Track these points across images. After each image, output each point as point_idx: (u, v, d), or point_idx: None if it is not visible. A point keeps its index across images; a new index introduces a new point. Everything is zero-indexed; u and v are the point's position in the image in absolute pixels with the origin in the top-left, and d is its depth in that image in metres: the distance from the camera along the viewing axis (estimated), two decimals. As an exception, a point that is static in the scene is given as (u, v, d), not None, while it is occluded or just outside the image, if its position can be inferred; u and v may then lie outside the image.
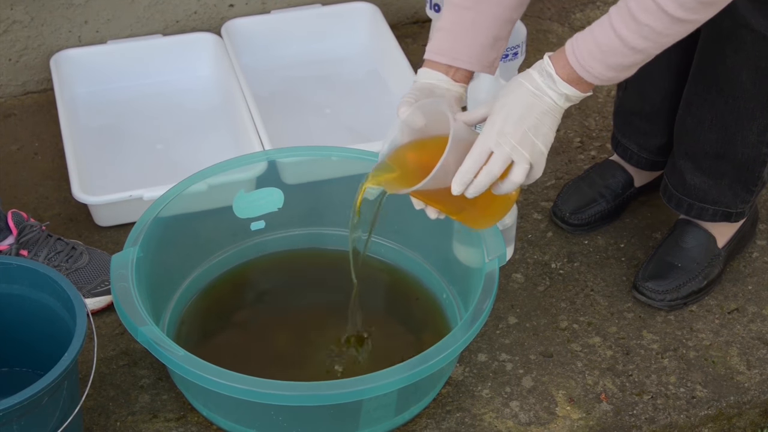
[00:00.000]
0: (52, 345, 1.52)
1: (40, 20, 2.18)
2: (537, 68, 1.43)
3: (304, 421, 1.53)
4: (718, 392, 1.70)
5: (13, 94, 2.24)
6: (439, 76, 1.54)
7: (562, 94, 1.42)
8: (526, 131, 1.41)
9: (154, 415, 1.63)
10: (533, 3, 2.50)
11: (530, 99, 1.42)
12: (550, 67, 1.42)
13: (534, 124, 1.42)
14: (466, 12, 1.53)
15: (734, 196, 1.78)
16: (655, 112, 1.87)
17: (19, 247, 1.76)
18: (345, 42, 2.32)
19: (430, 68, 1.55)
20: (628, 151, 1.93)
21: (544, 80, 1.42)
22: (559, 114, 1.44)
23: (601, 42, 1.38)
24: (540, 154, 1.43)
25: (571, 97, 1.43)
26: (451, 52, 1.53)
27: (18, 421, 1.39)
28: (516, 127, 1.41)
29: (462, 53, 1.53)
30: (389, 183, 1.51)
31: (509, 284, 1.85)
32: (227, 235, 1.81)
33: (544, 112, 1.42)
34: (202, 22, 2.30)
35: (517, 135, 1.41)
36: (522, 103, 1.42)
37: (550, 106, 1.43)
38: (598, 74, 1.40)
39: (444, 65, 1.54)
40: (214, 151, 2.03)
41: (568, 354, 1.74)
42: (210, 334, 1.73)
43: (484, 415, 1.64)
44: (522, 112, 1.42)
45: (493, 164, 1.41)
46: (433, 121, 1.48)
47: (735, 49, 1.64)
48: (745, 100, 1.68)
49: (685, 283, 1.81)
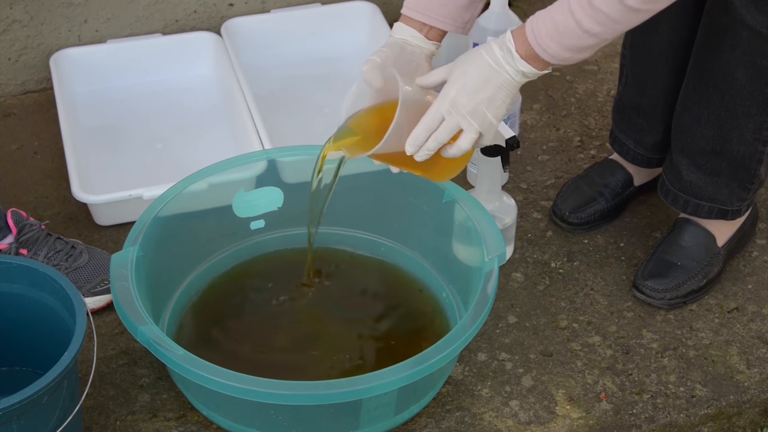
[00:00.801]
0: (51, 344, 1.52)
1: (39, 19, 2.18)
2: (498, 42, 1.48)
3: (303, 420, 1.53)
4: (717, 391, 1.70)
5: (12, 94, 2.24)
6: (412, 33, 1.58)
7: (519, 70, 1.46)
8: (479, 103, 1.46)
9: (153, 415, 1.63)
10: (533, 2, 2.50)
11: (488, 72, 1.47)
12: (511, 43, 1.46)
13: (489, 96, 1.47)
14: None
15: (730, 193, 1.78)
16: (653, 107, 1.87)
17: (19, 246, 1.76)
18: (345, 41, 2.32)
19: (405, 24, 1.59)
20: (625, 147, 1.93)
21: (504, 55, 1.46)
22: (514, 89, 1.49)
23: (559, 23, 1.42)
24: (490, 125, 1.49)
25: (527, 74, 1.47)
26: (427, 11, 1.57)
27: (18, 420, 1.39)
28: (470, 98, 1.46)
29: (438, 12, 1.57)
30: (349, 147, 1.57)
31: (509, 283, 1.85)
32: (227, 234, 1.81)
33: (500, 86, 1.47)
34: (201, 21, 2.30)
35: (470, 105, 1.46)
36: (479, 75, 1.47)
37: (507, 81, 1.47)
38: (554, 53, 1.44)
39: (418, 22, 1.58)
40: (213, 151, 2.03)
41: (567, 353, 1.74)
42: (209, 333, 1.73)
43: (483, 415, 1.64)
44: (478, 85, 1.46)
45: (441, 131, 1.48)
46: (392, 83, 1.52)
47: (731, 46, 1.64)
48: (741, 97, 1.68)
49: (684, 282, 1.81)
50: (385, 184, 1.73)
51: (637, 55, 1.84)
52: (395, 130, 1.47)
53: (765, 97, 1.67)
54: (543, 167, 2.07)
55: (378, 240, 1.84)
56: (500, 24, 1.99)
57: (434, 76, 1.52)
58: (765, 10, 1.59)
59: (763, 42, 1.61)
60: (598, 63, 2.33)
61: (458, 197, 1.70)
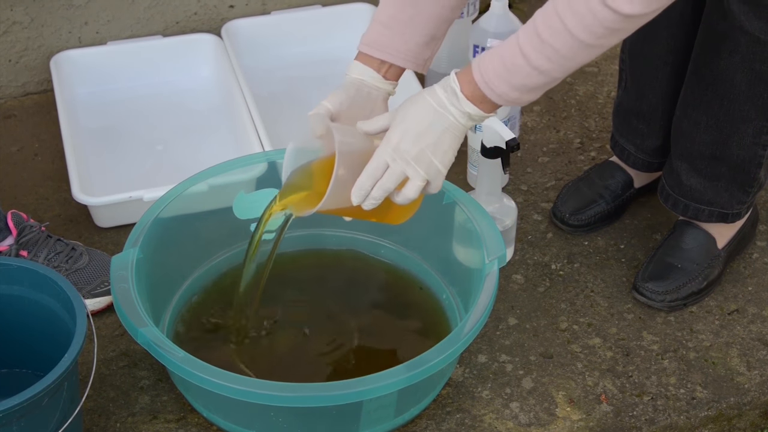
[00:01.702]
0: (52, 346, 1.52)
1: (40, 21, 2.18)
2: (442, 84, 1.41)
3: (304, 422, 1.53)
4: (718, 393, 1.70)
5: (13, 95, 2.24)
6: (370, 73, 1.53)
7: (465, 112, 1.40)
8: (424, 149, 1.40)
9: (154, 416, 1.63)
10: (533, 4, 2.50)
11: (431, 116, 1.40)
12: (455, 84, 1.40)
13: (433, 141, 1.40)
14: (405, 8, 1.51)
15: (730, 197, 1.79)
16: (653, 112, 1.87)
17: (19, 247, 1.76)
18: (345, 42, 2.32)
19: (362, 62, 1.54)
20: (626, 152, 1.93)
21: (448, 96, 1.40)
22: (461, 133, 1.42)
23: (507, 59, 1.36)
24: (437, 172, 1.42)
25: (473, 116, 1.40)
26: (387, 48, 1.52)
27: (18, 422, 1.39)
28: (413, 143, 1.40)
29: (397, 49, 1.52)
30: (296, 204, 1.51)
31: (509, 285, 1.85)
32: (227, 236, 1.81)
33: (445, 130, 1.40)
34: (202, 23, 2.30)
35: (413, 151, 1.40)
36: (422, 120, 1.40)
37: (452, 124, 1.40)
38: (502, 93, 1.38)
39: (377, 60, 1.53)
40: (214, 152, 2.03)
41: (568, 355, 1.74)
42: (210, 335, 1.73)
43: (484, 416, 1.64)
44: (421, 129, 1.40)
45: (386, 179, 1.42)
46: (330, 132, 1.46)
47: (730, 52, 1.64)
48: (740, 102, 1.68)
49: (684, 284, 1.81)
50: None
51: (635, 61, 1.84)
52: (337, 184, 1.41)
53: (764, 101, 1.67)
54: (543, 169, 2.07)
55: (378, 242, 1.84)
56: (501, 26, 1.98)
57: (378, 122, 1.46)
58: (763, 16, 1.59)
59: (761, 47, 1.61)
60: (598, 65, 2.33)
61: (458, 199, 1.70)
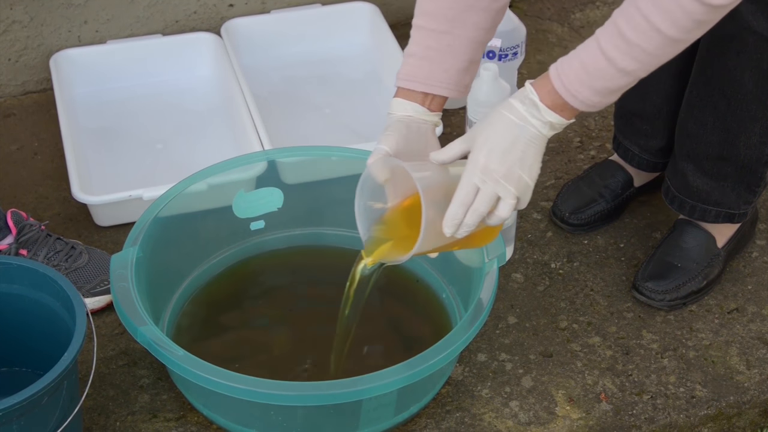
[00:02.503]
0: (51, 345, 1.52)
1: (39, 20, 2.18)
2: (519, 97, 1.38)
3: (303, 420, 1.53)
4: (717, 392, 1.70)
5: (12, 94, 2.24)
6: (415, 108, 1.49)
7: (547, 122, 1.37)
8: (512, 165, 1.37)
9: (153, 415, 1.63)
10: (533, 3, 2.50)
11: (514, 130, 1.37)
12: (534, 95, 1.37)
13: (519, 156, 1.37)
14: (441, 36, 1.47)
15: (737, 197, 1.78)
16: (656, 113, 1.87)
17: (19, 246, 1.76)
18: (345, 42, 2.32)
19: (404, 98, 1.49)
20: (629, 153, 1.93)
21: (527, 109, 1.37)
22: (543, 143, 1.39)
23: (588, 65, 1.33)
24: (526, 187, 1.40)
25: (555, 125, 1.38)
26: (429, 80, 1.48)
27: (18, 420, 1.39)
28: (501, 162, 1.37)
29: (438, 79, 1.48)
30: (387, 255, 1.49)
31: (509, 284, 1.85)
32: (227, 234, 1.81)
33: (529, 143, 1.37)
34: (201, 22, 2.30)
35: (502, 170, 1.37)
36: (505, 136, 1.37)
37: (535, 136, 1.38)
38: (585, 99, 1.35)
39: (420, 93, 1.49)
40: (213, 151, 2.03)
41: (567, 354, 1.74)
42: (210, 333, 1.73)
43: (483, 415, 1.64)
44: (506, 146, 1.37)
45: (480, 203, 1.38)
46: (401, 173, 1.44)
47: (737, 52, 1.64)
48: (747, 102, 1.68)
49: (684, 283, 1.81)
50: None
51: None
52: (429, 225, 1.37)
53: None
54: (543, 168, 2.07)
55: (378, 241, 1.84)
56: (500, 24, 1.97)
57: (452, 149, 1.42)
58: None
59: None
60: (598, 64, 2.32)
61: (458, 198, 1.70)
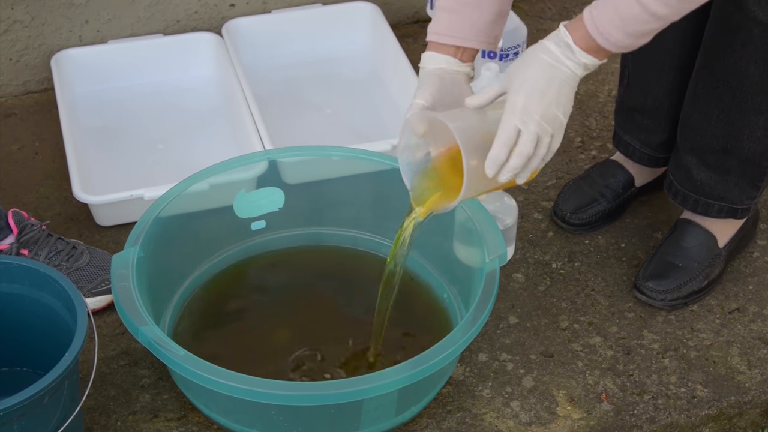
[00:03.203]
0: (52, 344, 1.52)
1: (40, 20, 2.18)
2: (553, 39, 1.44)
3: (304, 420, 1.53)
4: (718, 392, 1.70)
5: (13, 94, 2.24)
6: (447, 59, 1.54)
7: (581, 63, 1.43)
8: (548, 105, 1.42)
9: (154, 415, 1.63)
10: (534, 3, 2.50)
11: (549, 72, 1.43)
12: (568, 37, 1.43)
13: (555, 96, 1.43)
14: None
15: (740, 191, 1.78)
16: (658, 107, 1.86)
17: (20, 246, 1.76)
18: (345, 42, 2.32)
19: (436, 51, 1.55)
20: (630, 148, 1.93)
21: (563, 51, 1.43)
22: (575, 83, 1.45)
23: (622, 9, 1.39)
24: (561, 126, 1.45)
25: (589, 66, 1.44)
26: (459, 33, 1.53)
27: (19, 420, 1.39)
28: (539, 102, 1.42)
29: (469, 32, 1.53)
30: (436, 204, 1.52)
31: (510, 284, 1.85)
32: (228, 234, 1.81)
33: (563, 83, 1.43)
34: (202, 22, 2.30)
35: (540, 110, 1.42)
36: (542, 78, 1.43)
37: (569, 77, 1.44)
38: (617, 41, 1.41)
39: (452, 46, 1.54)
40: (214, 151, 2.03)
41: (568, 354, 1.74)
42: (211, 333, 1.73)
43: (484, 415, 1.64)
44: (543, 87, 1.42)
45: (523, 145, 1.43)
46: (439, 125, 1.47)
47: (743, 43, 1.64)
48: (752, 94, 1.67)
49: (685, 283, 1.81)
50: (385, 184, 1.73)
51: (640, 56, 1.84)
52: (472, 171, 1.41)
53: None
54: (544, 168, 2.07)
55: (379, 240, 1.84)
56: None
57: (488, 92, 1.48)
58: None
59: None
60: (599, 64, 2.32)
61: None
